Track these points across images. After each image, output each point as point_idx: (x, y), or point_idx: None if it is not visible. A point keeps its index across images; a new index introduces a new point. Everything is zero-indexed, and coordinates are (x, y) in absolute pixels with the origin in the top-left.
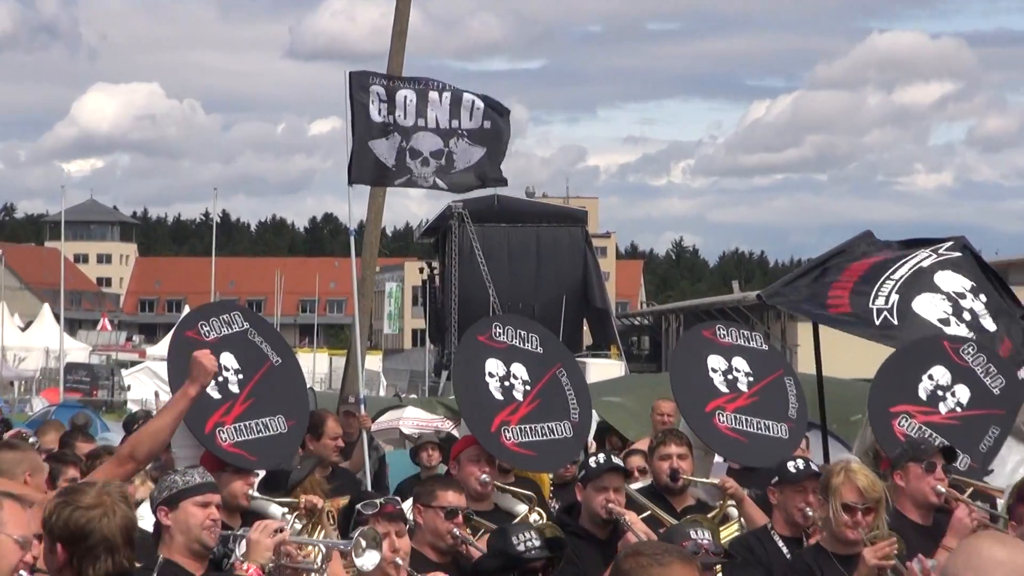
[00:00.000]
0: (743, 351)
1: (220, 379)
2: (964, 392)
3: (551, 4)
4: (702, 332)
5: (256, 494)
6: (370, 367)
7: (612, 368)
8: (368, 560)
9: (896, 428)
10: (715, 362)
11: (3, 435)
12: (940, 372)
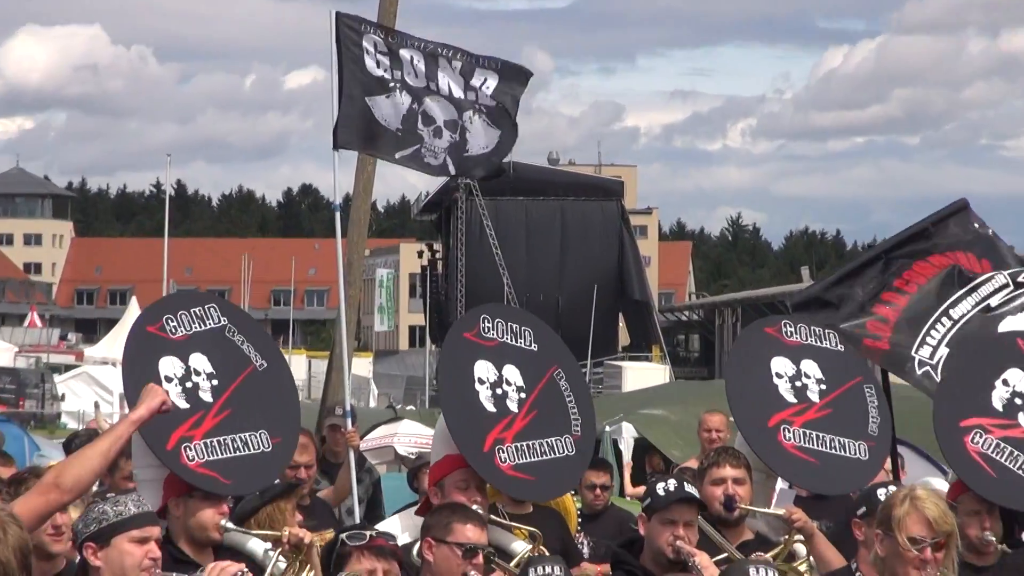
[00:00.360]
0: (814, 353)
1: (189, 384)
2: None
3: None
4: (764, 329)
5: (231, 525)
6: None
7: (654, 374)
8: None
9: (969, 446)
10: (780, 366)
11: None
12: (1017, 376)
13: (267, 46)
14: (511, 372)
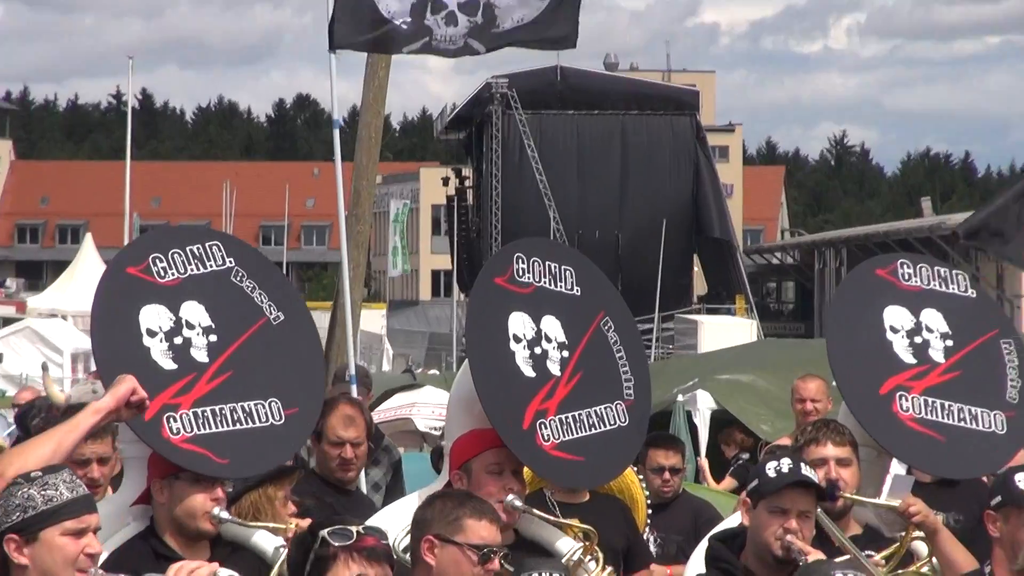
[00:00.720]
0: (939, 300)
1: (179, 340)
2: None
3: None
4: (876, 271)
5: (227, 515)
6: (368, 327)
7: (738, 329)
8: None
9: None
10: (895, 317)
11: None
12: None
13: None
14: (550, 325)
